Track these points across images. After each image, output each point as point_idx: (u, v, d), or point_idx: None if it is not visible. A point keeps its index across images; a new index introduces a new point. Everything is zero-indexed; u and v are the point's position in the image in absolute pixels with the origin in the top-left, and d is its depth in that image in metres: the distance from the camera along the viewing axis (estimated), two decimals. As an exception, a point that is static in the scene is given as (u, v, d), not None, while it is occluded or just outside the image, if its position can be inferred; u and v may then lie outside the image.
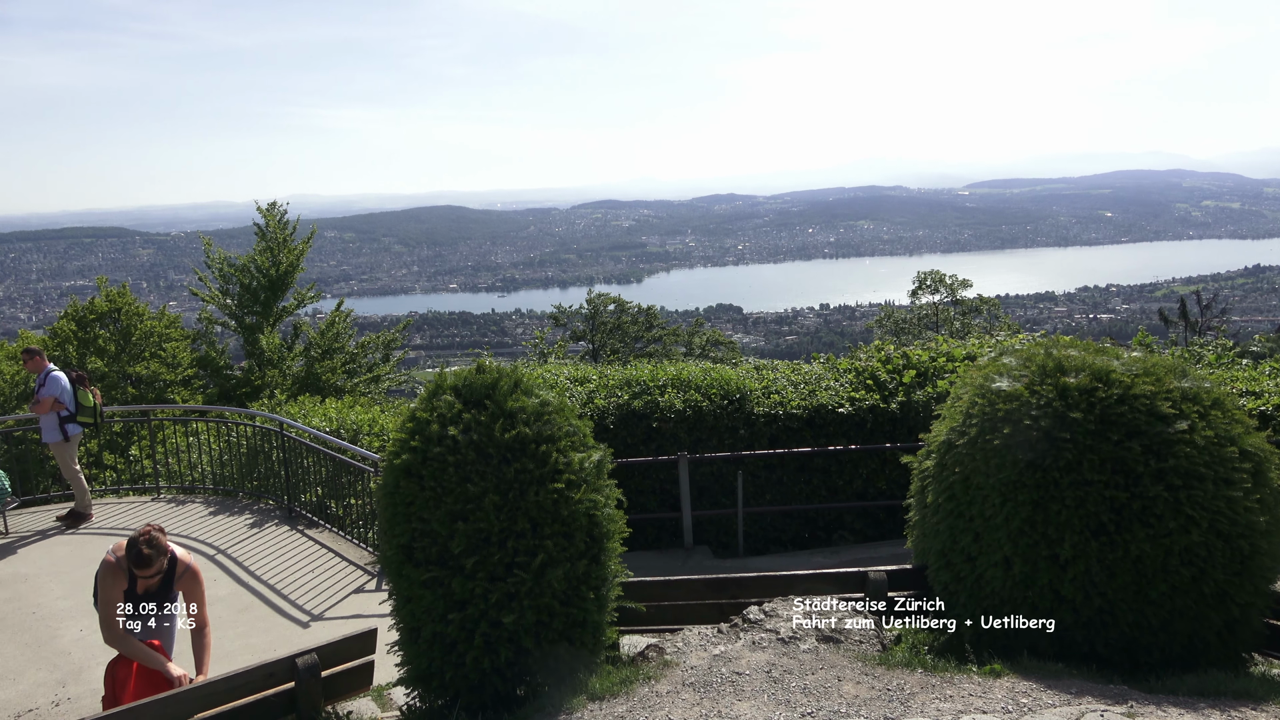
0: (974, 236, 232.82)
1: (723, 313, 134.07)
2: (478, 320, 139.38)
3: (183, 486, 11.27)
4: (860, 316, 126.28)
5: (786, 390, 9.57)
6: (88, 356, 19.11)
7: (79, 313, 20.09)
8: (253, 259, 21.45)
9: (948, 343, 10.28)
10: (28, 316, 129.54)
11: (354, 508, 9.45)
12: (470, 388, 4.25)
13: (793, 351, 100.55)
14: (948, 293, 35.99)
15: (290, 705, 4.81)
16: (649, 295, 67.99)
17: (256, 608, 7.71)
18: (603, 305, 33.56)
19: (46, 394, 9.41)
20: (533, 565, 3.99)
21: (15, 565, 8.77)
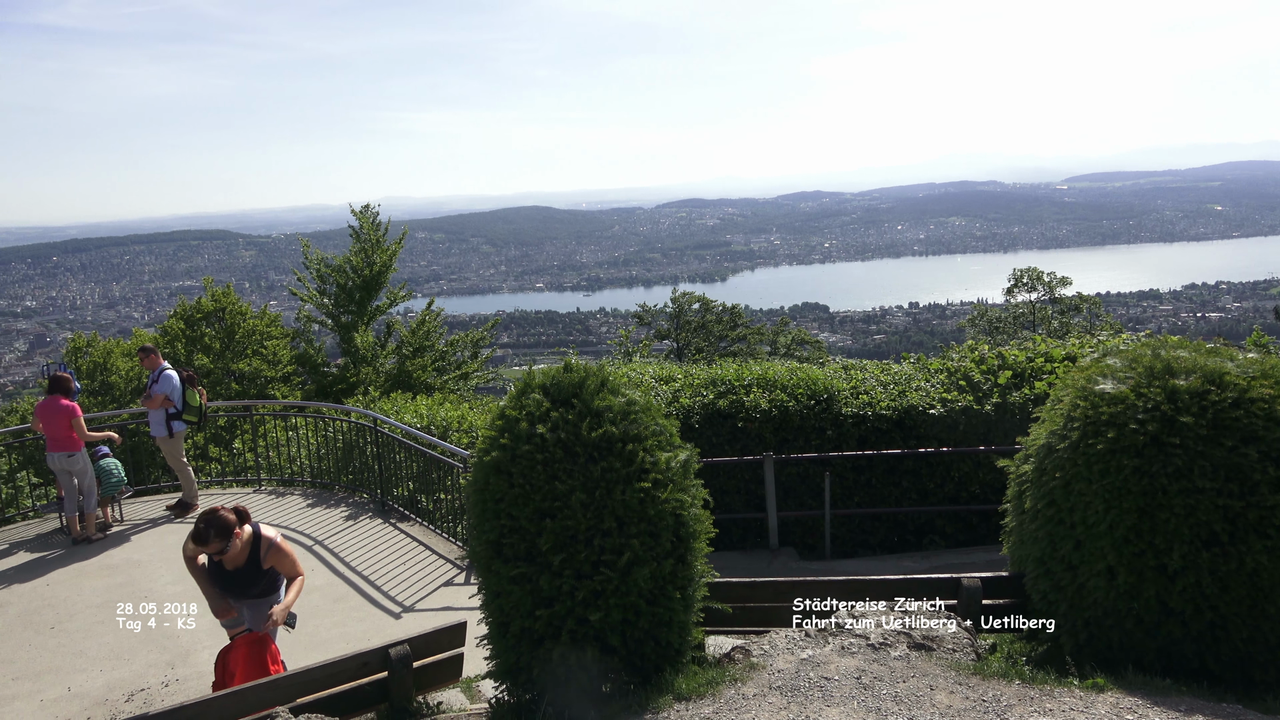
0: (1072, 232, 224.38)
1: (808, 311, 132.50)
2: (563, 319, 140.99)
3: (282, 479, 11.70)
4: (951, 315, 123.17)
5: (875, 391, 9.38)
6: (195, 354, 20.03)
7: (187, 312, 21.08)
8: (348, 260, 22.15)
9: (1046, 343, 9.91)
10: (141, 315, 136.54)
11: (444, 503, 9.65)
12: (558, 386, 4.29)
13: (880, 351, 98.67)
14: (1045, 290, 34.80)
15: (383, 694, 4.94)
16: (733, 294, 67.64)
17: (351, 598, 7.95)
18: (687, 304, 33.54)
19: (158, 391, 9.89)
20: (619, 564, 4.00)
21: (129, 552, 9.24)
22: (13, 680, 6.65)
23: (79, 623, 7.59)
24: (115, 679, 6.65)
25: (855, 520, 9.39)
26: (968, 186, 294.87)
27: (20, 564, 8.98)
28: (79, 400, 9.54)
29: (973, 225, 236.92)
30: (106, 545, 9.37)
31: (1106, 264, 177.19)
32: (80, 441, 9.22)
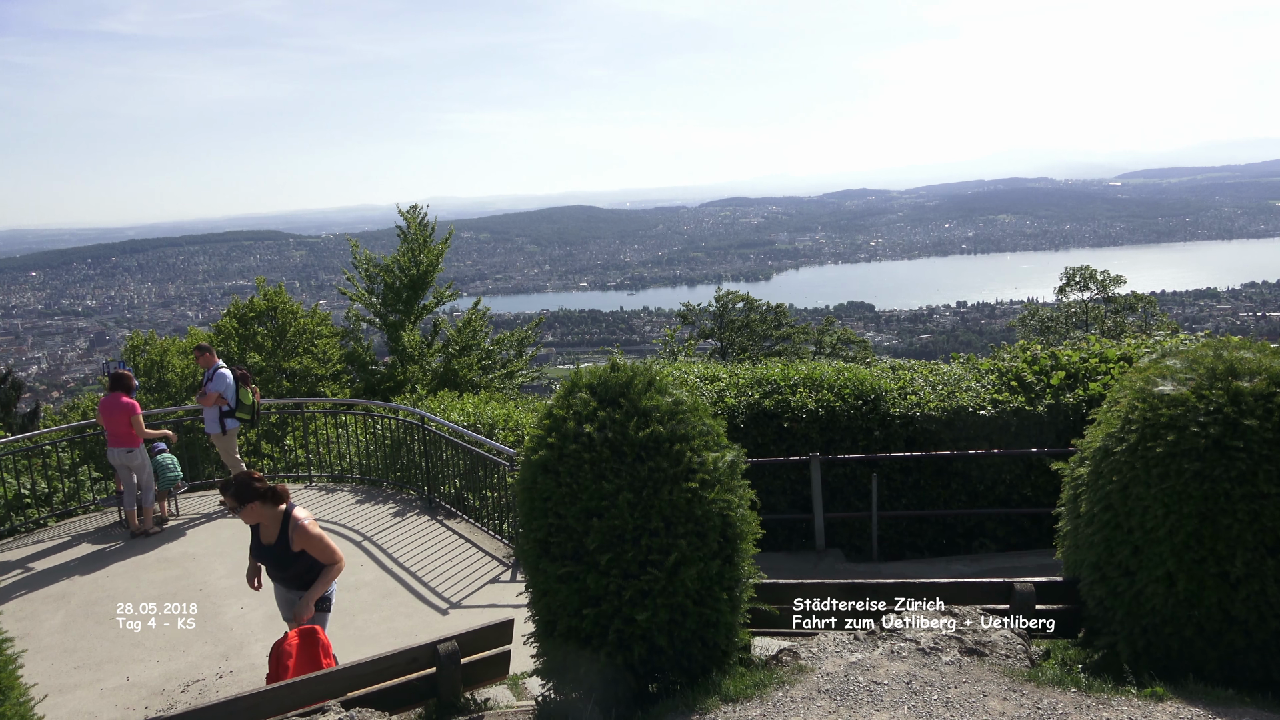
0: (1126, 230, 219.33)
1: (854, 310, 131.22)
2: (606, 318, 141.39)
3: (332, 475, 11.89)
4: (1001, 314, 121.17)
5: (924, 391, 9.26)
6: (248, 352, 20.44)
7: (240, 311, 21.51)
8: (396, 259, 22.44)
9: (1100, 343, 9.70)
10: (195, 314, 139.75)
11: (490, 500, 9.73)
12: (605, 386, 4.30)
13: (928, 351, 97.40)
14: (1098, 289, 34.04)
15: (431, 689, 4.99)
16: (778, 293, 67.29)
17: (399, 593, 8.05)
18: (731, 303, 33.42)
19: (213, 389, 10.10)
20: (666, 564, 4.00)
21: (185, 545, 9.46)
22: (75, 669, 6.85)
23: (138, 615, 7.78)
24: (171, 669, 6.81)
25: (903, 522, 9.27)
26: (1018, 183, 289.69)
27: (82, 556, 9.24)
28: (137, 397, 9.78)
29: (1023, 223, 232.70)
30: (163, 539, 9.61)
31: (1162, 262, 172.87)
32: (139, 438, 9.46)
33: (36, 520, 10.54)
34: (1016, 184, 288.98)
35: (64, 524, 10.51)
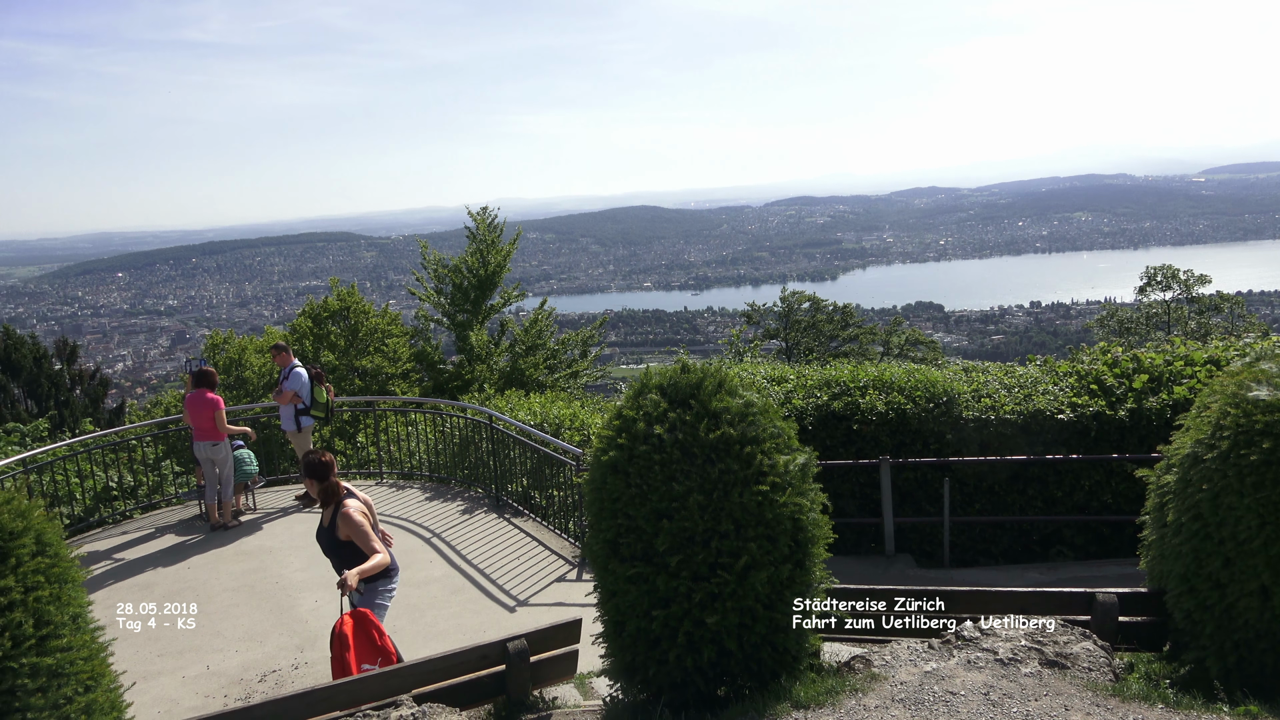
0: (1210, 228, 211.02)
1: (922, 311, 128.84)
2: (670, 318, 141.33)
3: (402, 472, 12.10)
4: (1076, 315, 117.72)
5: (999, 394, 9.02)
6: (321, 351, 20.93)
7: (315, 311, 22.05)
8: (464, 260, 22.76)
9: (1185, 345, 9.33)
10: (270, 313, 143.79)
11: (556, 499, 9.79)
12: (675, 387, 4.27)
13: (999, 352, 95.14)
14: (1181, 289, 32.79)
15: (500, 687, 5.03)
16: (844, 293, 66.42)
17: (468, 590, 8.15)
18: (797, 303, 33.09)
19: (289, 387, 10.37)
20: (736, 567, 3.96)
21: (262, 539, 9.73)
22: (158, 656, 7.09)
23: (217, 604, 8.03)
24: (249, 659, 7.00)
25: (976, 528, 9.06)
26: (1094, 180, 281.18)
27: (165, 548, 9.57)
28: (218, 394, 10.10)
29: (1100, 221, 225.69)
30: (241, 532, 9.89)
31: (1249, 261, 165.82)
32: (223, 433, 9.77)
33: (123, 512, 10.96)
34: (1093, 180, 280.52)
35: (148, 516, 10.90)
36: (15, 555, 3.16)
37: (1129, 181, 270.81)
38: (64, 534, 3.55)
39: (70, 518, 10.48)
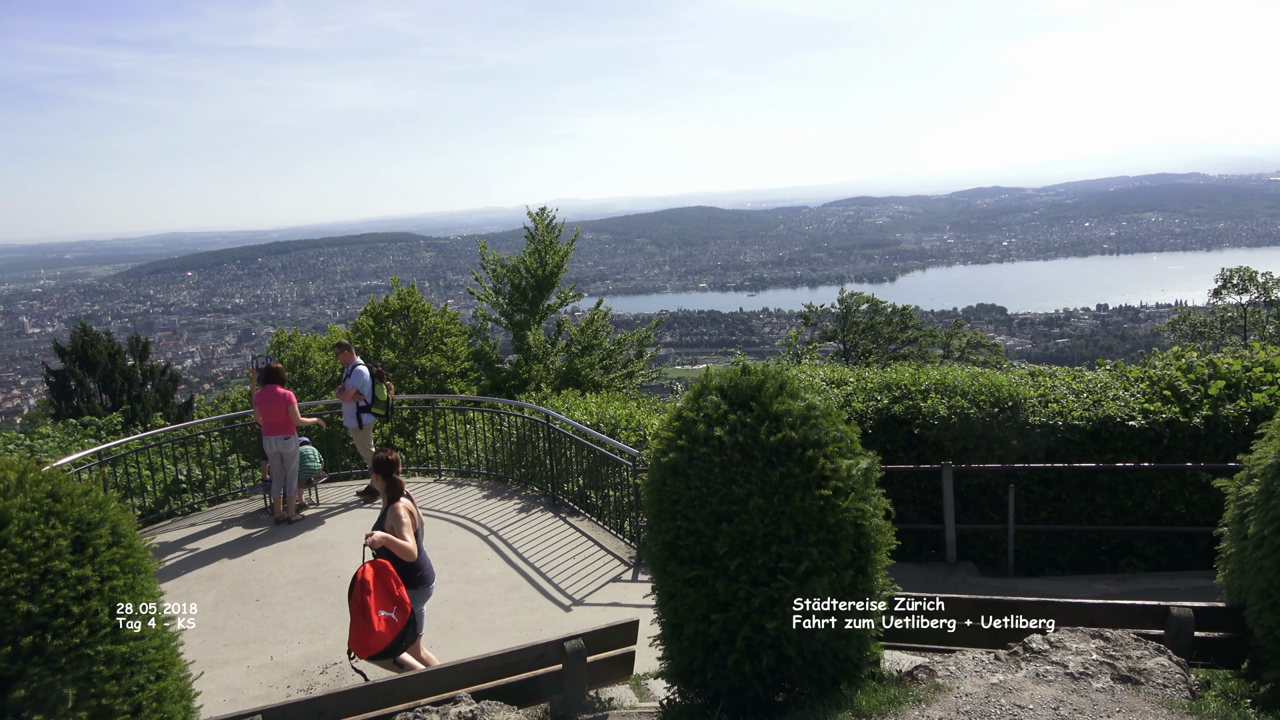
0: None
1: (984, 313, 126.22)
2: (725, 319, 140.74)
3: (460, 470, 12.23)
4: (1145, 319, 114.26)
5: (1067, 399, 8.77)
6: (382, 349, 21.29)
7: (376, 310, 22.43)
8: (522, 260, 22.95)
9: (1265, 350, 8.98)
10: (333, 312, 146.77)
11: (612, 499, 9.80)
12: (736, 389, 4.23)
13: (1064, 356, 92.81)
14: (1259, 292, 31.58)
15: (557, 686, 5.04)
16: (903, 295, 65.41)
17: (524, 588, 8.19)
18: (855, 304, 32.68)
19: (351, 385, 10.55)
20: (797, 572, 3.90)
21: (324, 533, 9.91)
22: (224, 646, 7.26)
23: (280, 596, 8.20)
24: (311, 651, 7.13)
25: (1041, 536, 8.82)
26: (1165, 179, 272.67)
27: (231, 540, 9.80)
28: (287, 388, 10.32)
29: (1171, 221, 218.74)
30: (304, 526, 10.09)
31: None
32: (294, 426, 9.99)
33: (191, 504, 11.26)
34: (1164, 180, 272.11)
35: (215, 509, 11.19)
36: (93, 545, 3.25)
37: (1202, 180, 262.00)
38: (137, 525, 3.64)
39: (142, 509, 10.80)
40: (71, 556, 3.17)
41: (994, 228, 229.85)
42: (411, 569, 5.87)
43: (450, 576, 8.49)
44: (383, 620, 5.25)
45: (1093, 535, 8.73)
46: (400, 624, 5.35)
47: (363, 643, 5.26)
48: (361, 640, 5.25)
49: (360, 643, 5.27)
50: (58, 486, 3.31)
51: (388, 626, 5.26)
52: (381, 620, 5.24)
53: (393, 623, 5.30)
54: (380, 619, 5.23)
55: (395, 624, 5.31)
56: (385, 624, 5.25)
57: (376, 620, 5.22)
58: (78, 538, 3.23)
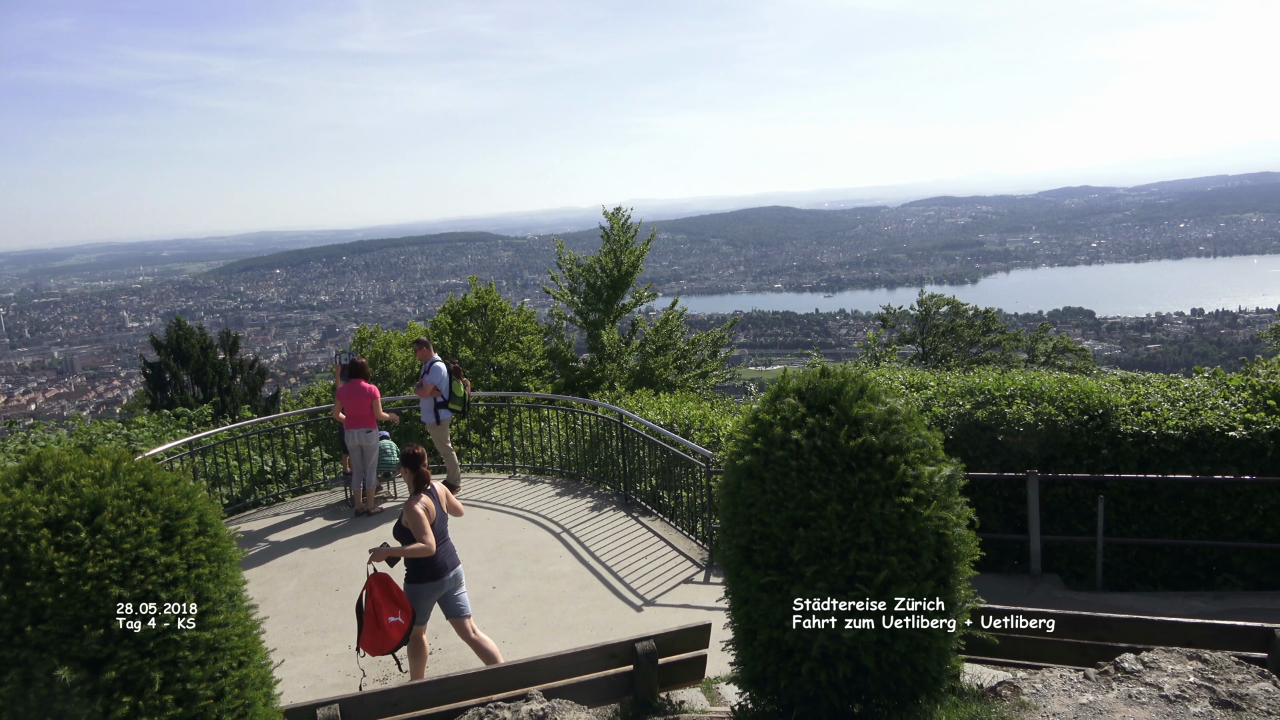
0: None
1: (1070, 317, 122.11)
2: (801, 320, 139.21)
3: (534, 467, 12.33)
4: (1245, 324, 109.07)
5: (1161, 407, 8.39)
6: (460, 346, 21.63)
7: (454, 308, 22.80)
8: (598, 260, 23.05)
9: (1381, 359, 8.45)
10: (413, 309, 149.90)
11: (684, 500, 9.75)
12: (814, 391, 4.14)
13: (1155, 362, 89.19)
14: (1371, 297, 29.80)
15: (628, 687, 5.02)
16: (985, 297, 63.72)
17: (595, 586, 8.20)
18: (935, 307, 31.90)
19: (429, 381, 10.73)
20: (875, 581, 3.79)
21: (401, 526, 10.09)
22: (305, 634, 7.45)
23: (359, 587, 8.33)
24: (388, 643, 7.25)
25: (1132, 550, 8.46)
26: (1268, 178, 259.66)
27: (313, 530, 10.06)
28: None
29: (1273, 222, 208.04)
30: (383, 519, 10.30)
31: None
32: (376, 420, 10.21)
33: (275, 495, 11.61)
34: (1266, 179, 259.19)
35: (298, 499, 11.51)
36: (180, 534, 3.34)
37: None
38: (223, 514, 3.74)
39: (229, 498, 11.17)
40: (160, 544, 3.27)
41: (1083, 229, 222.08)
42: (425, 564, 6.19)
43: (523, 573, 8.55)
44: (393, 626, 5.95)
45: (1188, 550, 8.33)
46: (406, 624, 6.01)
47: (376, 646, 5.96)
48: (375, 645, 5.95)
49: (374, 646, 5.96)
50: (149, 475, 3.42)
51: (397, 629, 5.96)
52: (392, 626, 5.94)
53: (400, 625, 5.98)
54: (391, 625, 5.94)
55: (402, 625, 5.99)
56: (395, 628, 5.95)
57: (389, 627, 5.93)
58: (166, 526, 3.32)
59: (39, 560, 3.03)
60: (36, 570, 3.02)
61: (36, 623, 3.01)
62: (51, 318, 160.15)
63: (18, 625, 2.99)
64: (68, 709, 3.01)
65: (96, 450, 3.51)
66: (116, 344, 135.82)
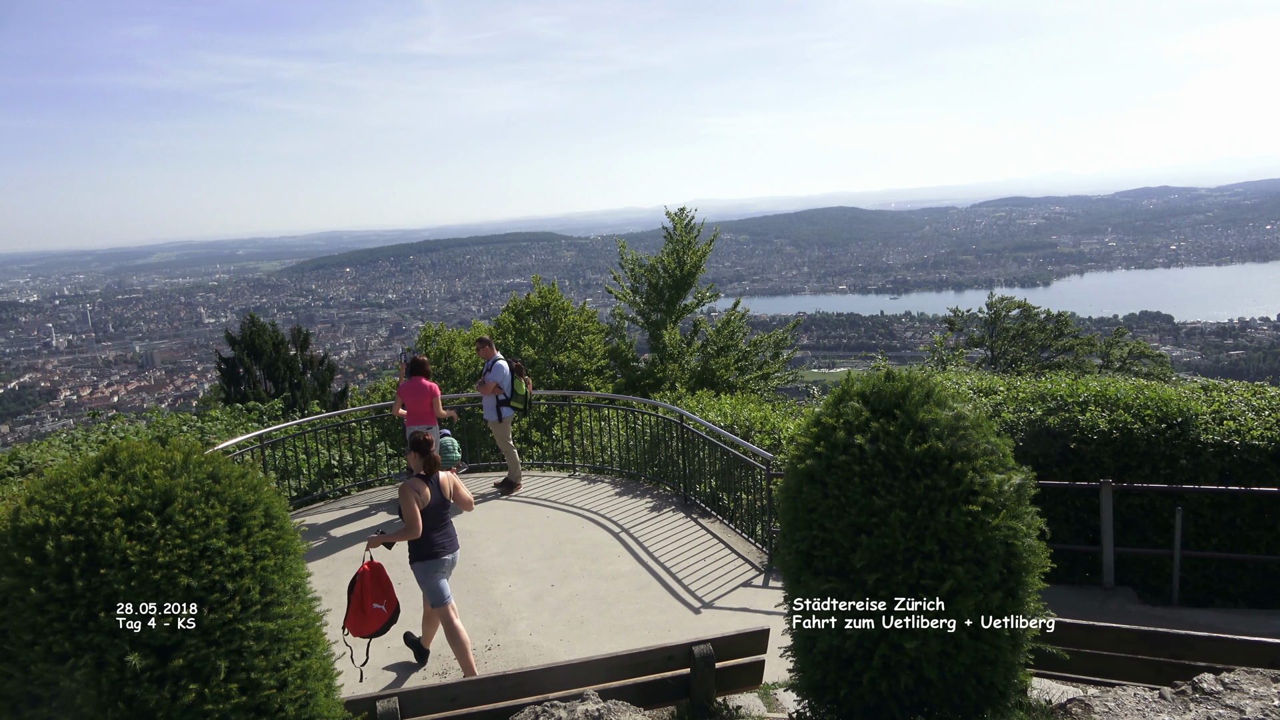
0: None
1: (1147, 321, 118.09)
2: (865, 322, 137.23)
3: (594, 466, 12.36)
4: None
5: (1245, 416, 8.04)
6: (522, 345, 21.82)
7: (517, 307, 23.02)
8: (660, 260, 23.04)
9: None
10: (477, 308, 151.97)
11: (744, 502, 9.67)
12: (879, 395, 4.05)
13: (1238, 369, 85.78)
14: None
15: (685, 690, 4.99)
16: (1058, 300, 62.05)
17: (653, 587, 8.18)
18: (1005, 309, 31.13)
19: (492, 379, 10.84)
20: (940, 590, 3.70)
21: (461, 522, 10.18)
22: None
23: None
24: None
25: (1211, 565, 8.12)
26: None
27: (376, 524, 10.23)
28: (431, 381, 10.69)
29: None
30: (444, 515, 10.42)
31: None
32: (435, 418, 10.35)
33: (342, 489, 11.84)
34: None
35: (364, 494, 11.72)
36: (247, 525, 3.41)
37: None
38: (290, 507, 3.81)
39: (297, 491, 11.43)
40: (228, 535, 3.34)
41: (1161, 230, 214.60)
42: (421, 544, 6.56)
43: (582, 571, 8.57)
44: (375, 612, 6.29)
45: (1272, 566, 7.97)
46: (388, 613, 6.36)
47: (357, 628, 6.27)
48: (356, 626, 6.27)
49: (356, 628, 6.27)
50: (218, 468, 3.50)
51: (377, 617, 6.31)
52: (374, 612, 6.29)
53: (381, 613, 6.32)
54: (373, 611, 6.28)
55: (383, 614, 6.34)
56: (376, 615, 6.30)
57: (371, 612, 6.27)
58: (234, 518, 3.39)
59: (113, 549, 3.12)
60: (110, 558, 3.11)
61: (110, 609, 3.09)
62: (134, 313, 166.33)
63: (92, 611, 3.08)
64: (137, 694, 3.09)
65: (172, 442, 3.60)
66: (194, 339, 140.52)
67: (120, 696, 3.09)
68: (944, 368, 18.69)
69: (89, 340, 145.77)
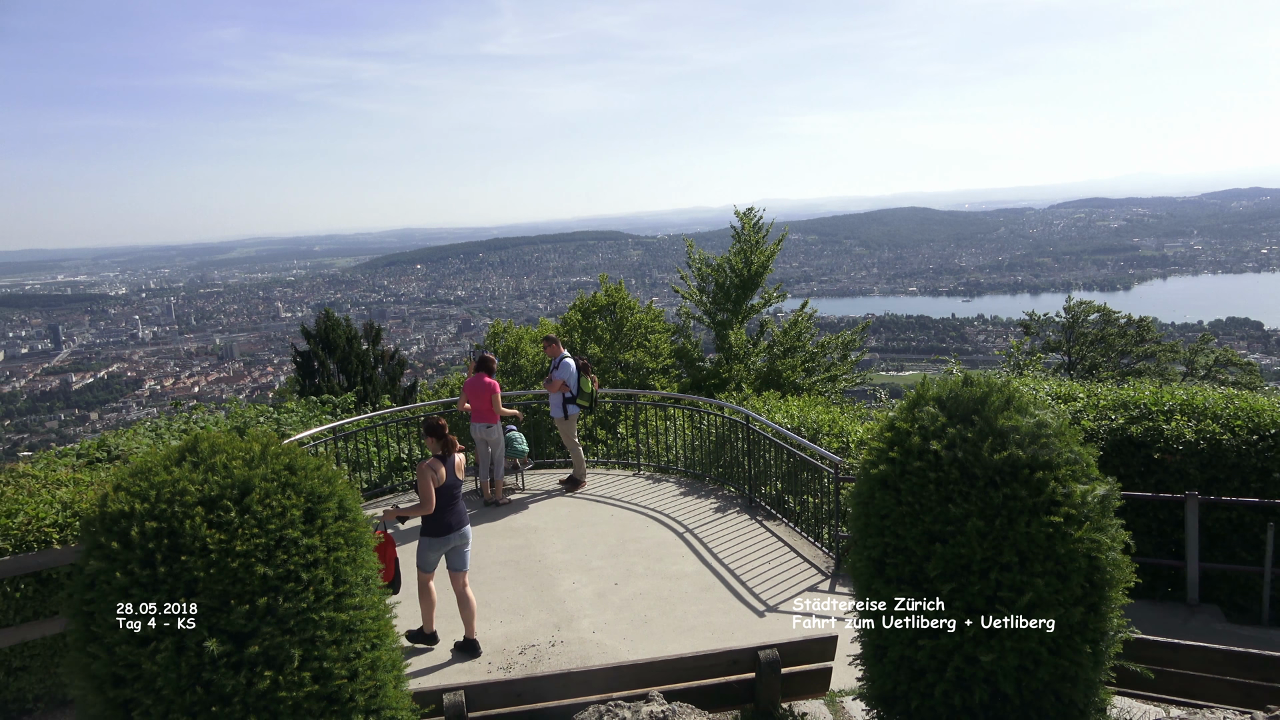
0: None
1: (1235, 328, 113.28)
2: (936, 325, 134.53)
3: (659, 466, 12.34)
4: None
5: (1345, 429, 7.64)
6: (588, 343, 21.92)
7: (584, 305, 23.14)
8: (727, 259, 22.92)
9: None
10: (544, 306, 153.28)
11: (810, 505, 9.54)
12: (956, 400, 3.94)
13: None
14: None
15: (749, 694, 4.93)
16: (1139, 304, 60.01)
17: (717, 589, 8.12)
18: (1083, 314, 30.19)
19: (558, 376, 10.91)
20: (1018, 603, 3.58)
21: (528, 518, 10.28)
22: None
23: (486, 576, 8.57)
24: (512, 631, 7.40)
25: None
26: None
27: (444, 518, 10.36)
28: (495, 379, 10.81)
29: None
30: (510, 510, 10.52)
31: None
32: (497, 415, 10.45)
33: (410, 481, 12.03)
34: None
35: (432, 487, 11.88)
36: (321, 517, 3.47)
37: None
38: (361, 499, 3.86)
39: (367, 483, 11.66)
40: (303, 526, 3.40)
41: (1251, 233, 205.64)
42: (432, 520, 6.94)
43: (645, 570, 8.56)
44: None
45: (1373, 588, 7.55)
46: (384, 582, 6.38)
47: None
48: None
49: None
50: (294, 460, 3.57)
51: None
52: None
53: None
54: None
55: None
56: None
57: None
58: (309, 509, 3.46)
59: (193, 536, 3.21)
60: (191, 545, 3.20)
61: (189, 596, 3.18)
62: (214, 306, 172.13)
63: (172, 597, 3.17)
64: (214, 679, 3.17)
65: (249, 433, 3.69)
66: (271, 332, 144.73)
67: (198, 680, 3.17)
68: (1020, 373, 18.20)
69: (173, 332, 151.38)
